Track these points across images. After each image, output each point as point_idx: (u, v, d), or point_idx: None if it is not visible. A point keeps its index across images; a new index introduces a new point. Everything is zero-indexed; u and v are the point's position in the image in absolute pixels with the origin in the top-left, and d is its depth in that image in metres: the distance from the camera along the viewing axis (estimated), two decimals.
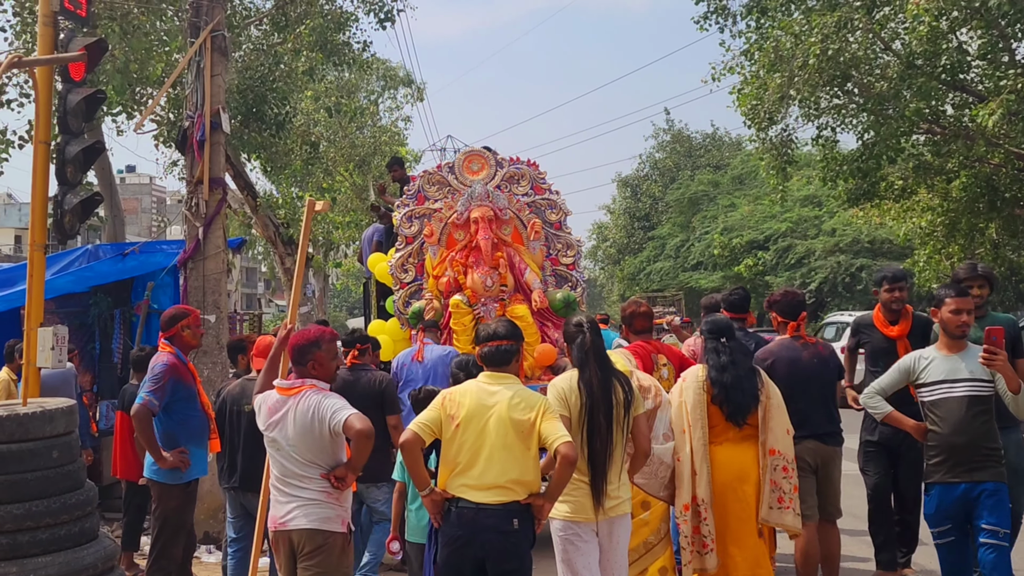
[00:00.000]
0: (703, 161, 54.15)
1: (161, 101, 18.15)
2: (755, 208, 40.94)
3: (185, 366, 7.12)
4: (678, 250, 47.21)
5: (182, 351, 7.14)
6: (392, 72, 40.80)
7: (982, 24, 20.07)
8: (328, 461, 5.03)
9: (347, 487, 5.12)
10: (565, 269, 9.93)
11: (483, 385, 4.89)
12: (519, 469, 4.76)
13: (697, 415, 5.94)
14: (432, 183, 10.05)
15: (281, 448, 5.03)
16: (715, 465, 5.91)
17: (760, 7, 23.94)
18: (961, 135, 22.64)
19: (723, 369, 5.94)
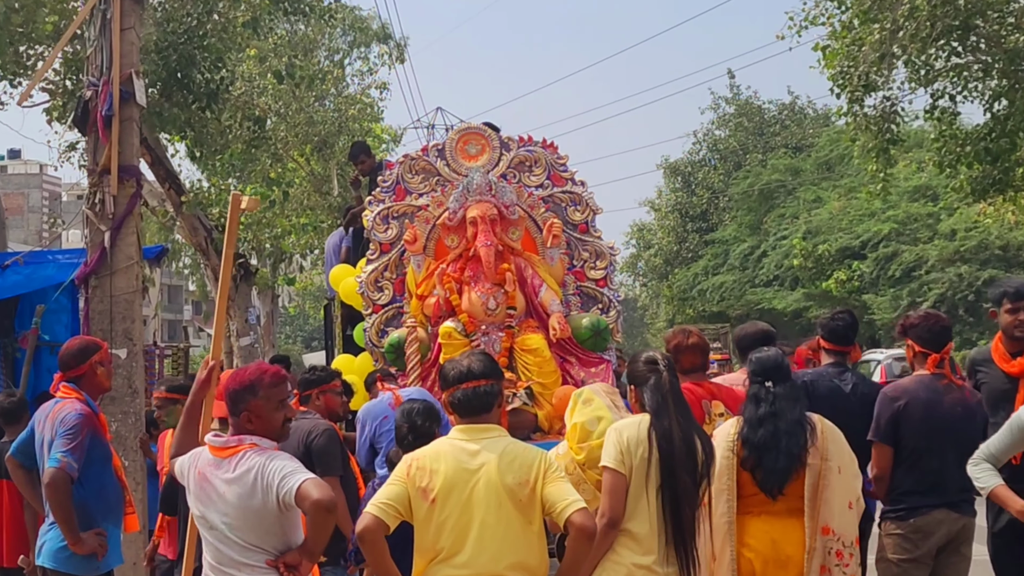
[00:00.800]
0: (778, 141, 54.21)
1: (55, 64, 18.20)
2: (848, 204, 40.96)
3: (97, 417, 7.11)
4: (745, 259, 47.22)
5: (91, 396, 7.11)
6: (363, 24, 40.81)
7: None
8: (276, 544, 5.01)
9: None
10: (594, 286, 9.94)
11: (460, 443, 4.85)
12: (520, 550, 4.75)
13: (723, 484, 5.90)
14: (415, 172, 10.06)
15: (215, 527, 5.01)
16: (745, 545, 5.90)
17: None
18: None
19: (759, 424, 5.91)
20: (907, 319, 7.02)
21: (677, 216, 57.54)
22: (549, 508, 4.71)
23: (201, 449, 5.13)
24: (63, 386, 7.08)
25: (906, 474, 6.34)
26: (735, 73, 78.38)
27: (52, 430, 6.86)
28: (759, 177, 49.17)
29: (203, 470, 5.02)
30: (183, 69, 20.17)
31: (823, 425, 5.98)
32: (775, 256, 44.44)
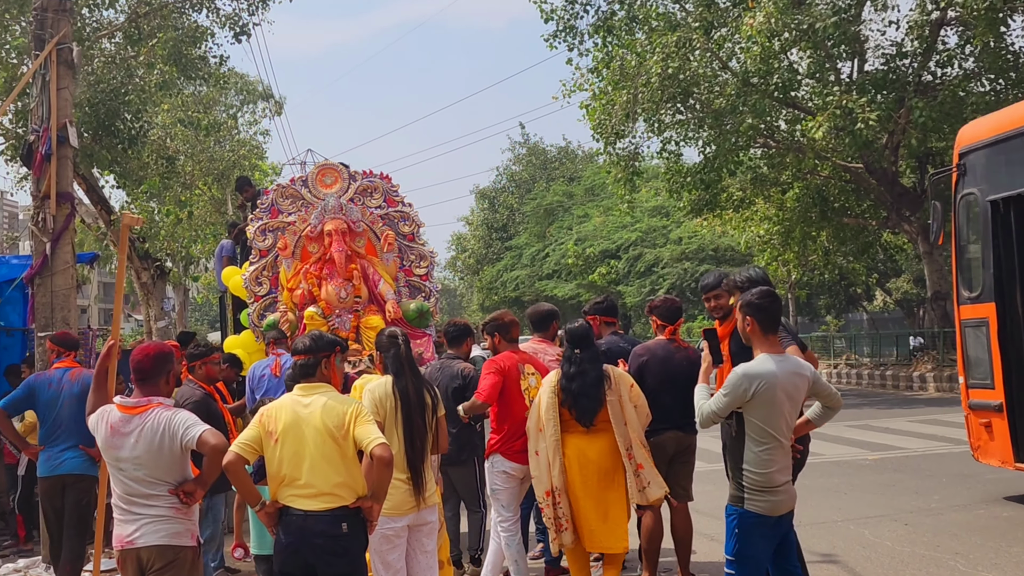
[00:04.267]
0: (557, 173, 54.88)
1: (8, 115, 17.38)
2: (607, 219, 41.72)
3: None
4: (534, 259, 47.72)
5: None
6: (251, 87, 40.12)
7: (810, 45, 20.94)
8: (176, 477, 4.89)
9: (196, 502, 5.00)
10: (419, 280, 9.90)
11: (297, 397, 4.91)
12: (342, 474, 4.78)
13: (550, 416, 6.44)
14: (286, 197, 9.89)
15: (125, 468, 4.85)
16: (568, 456, 6.44)
17: (606, 27, 24.45)
18: (793, 149, 23.58)
19: (572, 379, 6.42)
20: (652, 302, 7.36)
21: (485, 228, 57.84)
22: (359, 443, 4.77)
23: (109, 407, 4.97)
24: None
25: (649, 408, 6.54)
26: (525, 125, 79.27)
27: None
28: (544, 199, 49.73)
29: (114, 424, 4.86)
30: (109, 119, 19.51)
31: (615, 374, 6.52)
32: (555, 256, 45.00)
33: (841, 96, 20.12)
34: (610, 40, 24.35)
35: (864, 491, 10.39)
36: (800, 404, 4.89)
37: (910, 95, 20.93)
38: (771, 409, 4.72)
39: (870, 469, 11.71)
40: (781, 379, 4.73)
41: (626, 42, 23.12)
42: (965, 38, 21.35)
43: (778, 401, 4.72)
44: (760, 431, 4.76)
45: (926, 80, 22.19)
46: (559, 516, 6.43)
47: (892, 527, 8.52)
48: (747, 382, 4.70)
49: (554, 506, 6.45)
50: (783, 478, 4.78)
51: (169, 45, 20.42)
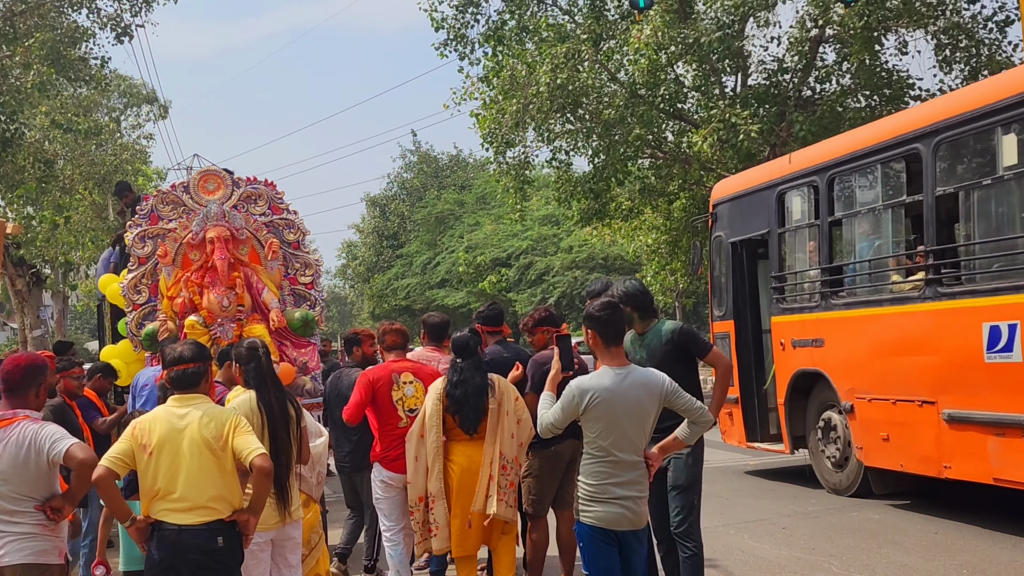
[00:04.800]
0: (449, 181, 54.82)
1: None
2: (497, 227, 41.85)
3: None
4: (425, 267, 47.61)
5: None
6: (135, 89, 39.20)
7: (695, 59, 21.36)
8: (43, 493, 4.73)
9: (63, 518, 4.84)
10: (304, 288, 9.76)
11: (172, 409, 4.80)
12: (218, 487, 4.71)
13: (433, 422, 6.52)
14: (166, 203, 9.64)
15: None
16: (454, 461, 6.54)
17: (496, 37, 24.56)
18: (680, 160, 24.02)
19: (456, 386, 6.51)
20: (531, 317, 7.37)
21: (376, 236, 57.42)
22: (238, 454, 4.70)
23: None
24: None
25: None
26: (417, 132, 79.11)
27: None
28: (435, 207, 49.61)
29: None
30: None
31: (500, 383, 6.63)
32: (446, 264, 44.97)
33: (725, 109, 20.58)
34: (500, 50, 24.45)
35: (745, 496, 10.64)
36: (649, 418, 4.77)
37: (791, 109, 21.53)
38: (607, 423, 4.65)
39: (751, 475, 11.99)
40: (618, 393, 4.66)
41: (516, 52, 23.25)
42: (842, 55, 22.05)
43: (614, 415, 4.65)
44: (594, 444, 4.71)
45: (806, 95, 22.85)
46: (431, 521, 6.51)
47: (771, 531, 8.74)
48: (579, 396, 4.65)
49: (426, 511, 6.51)
50: (621, 492, 4.69)
51: (47, 45, 19.80)
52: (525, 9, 24.68)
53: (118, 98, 39.17)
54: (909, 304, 9.23)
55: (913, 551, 7.80)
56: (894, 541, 8.17)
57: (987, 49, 21.48)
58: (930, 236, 8.96)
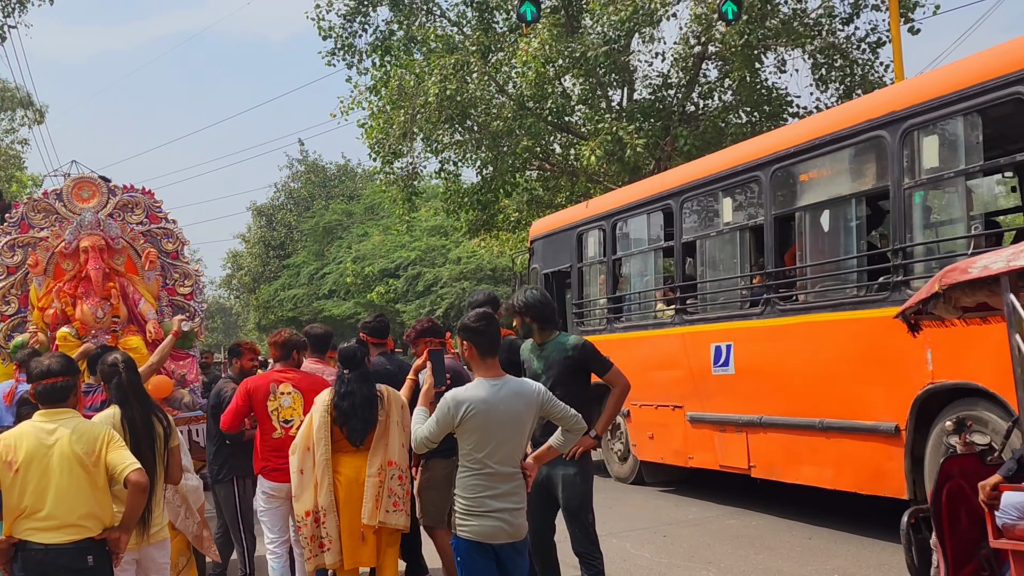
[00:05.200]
0: (337, 191, 54.35)
1: None
2: (386, 238, 41.59)
3: None
4: (312, 278, 47.07)
5: None
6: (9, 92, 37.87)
7: (582, 72, 21.62)
8: None
9: None
10: (182, 299, 9.53)
11: (40, 424, 4.63)
12: (89, 504, 4.56)
13: (321, 434, 6.42)
14: (38, 211, 9.32)
15: None
16: (342, 474, 6.43)
17: (384, 47, 24.48)
18: (567, 172, 24.26)
19: (343, 397, 6.41)
20: (414, 328, 7.39)
21: (262, 246, 56.60)
22: (112, 469, 4.56)
23: None
24: None
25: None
26: (304, 141, 78.28)
27: None
28: (323, 217, 49.12)
29: None
30: None
31: (389, 393, 6.60)
32: (334, 275, 44.53)
33: (611, 123, 20.87)
34: (388, 60, 24.36)
35: (628, 506, 10.77)
36: (526, 428, 4.77)
37: (675, 124, 21.95)
38: (483, 435, 4.62)
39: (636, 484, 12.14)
40: (494, 404, 4.63)
41: (404, 62, 23.19)
42: (724, 72, 22.58)
43: (490, 427, 4.62)
44: (470, 456, 4.67)
45: (690, 110, 23.33)
46: (321, 535, 6.38)
47: (652, 539, 8.87)
48: (455, 407, 4.61)
49: (316, 525, 6.38)
50: (499, 504, 4.65)
51: None
52: (413, 20, 24.64)
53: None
54: (664, 328, 11.51)
55: (788, 556, 8.00)
56: (770, 547, 8.36)
57: (860, 69, 22.28)
58: (678, 274, 11.47)
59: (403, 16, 24.63)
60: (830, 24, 22.22)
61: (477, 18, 23.82)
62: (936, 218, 8.55)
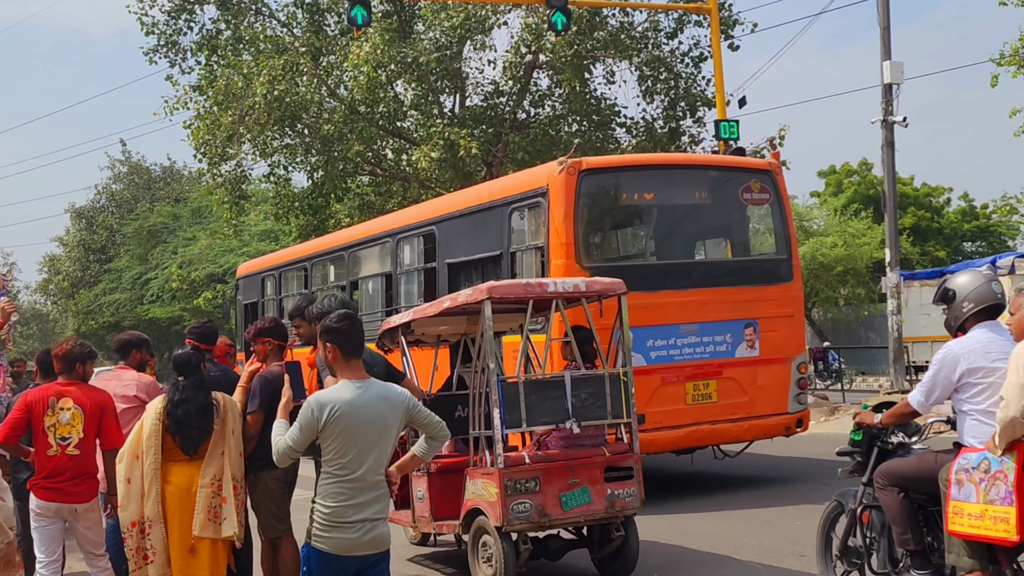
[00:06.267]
0: (163, 194, 52.65)
1: None
2: (213, 242, 40.55)
3: None
4: (135, 282, 45.51)
5: None
6: None
7: (414, 78, 21.61)
8: None
9: None
10: None
11: None
12: None
13: (151, 442, 6.22)
14: None
15: None
16: (170, 483, 6.24)
17: (210, 45, 23.89)
18: (399, 177, 24.21)
19: (177, 405, 6.23)
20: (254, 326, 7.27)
21: (82, 249, 54.37)
22: None
23: None
24: None
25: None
26: (127, 142, 75.62)
27: None
28: (147, 220, 47.52)
29: None
30: None
31: (226, 401, 6.41)
32: (159, 280, 43.17)
33: (444, 128, 20.94)
34: (215, 59, 23.78)
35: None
36: (392, 434, 4.62)
37: (507, 131, 22.22)
38: (346, 439, 4.45)
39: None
40: (359, 407, 4.47)
41: (232, 62, 22.68)
42: (555, 81, 22.99)
43: (354, 431, 4.46)
44: (334, 463, 4.49)
45: (521, 118, 23.65)
46: (146, 547, 6.19)
47: None
48: (319, 410, 4.43)
49: (142, 536, 6.19)
50: (359, 516, 4.48)
51: None
52: (241, 19, 24.13)
53: None
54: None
55: None
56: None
57: (684, 82, 23.06)
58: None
59: (231, 15, 24.09)
60: (655, 38, 22.93)
61: (308, 20, 23.55)
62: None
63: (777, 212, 11.65)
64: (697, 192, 11.85)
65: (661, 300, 10.62)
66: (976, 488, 5.00)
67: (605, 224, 11.88)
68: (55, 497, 6.40)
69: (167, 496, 6.23)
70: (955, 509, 5.08)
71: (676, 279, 11.09)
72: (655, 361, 10.51)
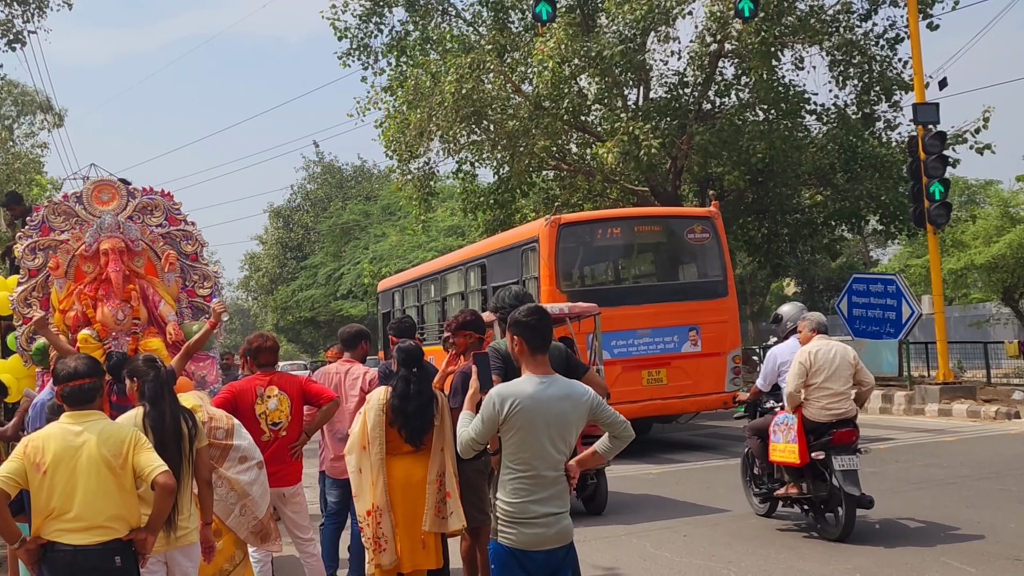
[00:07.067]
0: (354, 192, 54.46)
1: None
2: (403, 238, 41.63)
3: None
4: (329, 278, 47.18)
5: None
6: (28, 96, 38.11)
7: (598, 72, 21.59)
8: None
9: None
10: (202, 300, 9.56)
11: (66, 426, 4.62)
12: (117, 505, 4.56)
13: (376, 434, 6.41)
14: (58, 213, 9.35)
15: None
16: (395, 476, 6.42)
17: (399, 47, 24.52)
18: (584, 171, 24.24)
19: (407, 399, 6.40)
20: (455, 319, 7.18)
21: (279, 247, 56.87)
22: (139, 471, 4.56)
23: None
24: None
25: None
26: (319, 143, 78.48)
27: None
28: (340, 218, 49.25)
29: None
30: None
31: (439, 395, 6.61)
32: (351, 276, 44.62)
33: (628, 122, 20.84)
34: (404, 60, 24.42)
35: (647, 505, 10.74)
36: (573, 431, 4.53)
37: (691, 122, 21.92)
38: (527, 434, 4.38)
39: (653, 483, 12.11)
40: (541, 402, 4.39)
41: (420, 62, 23.24)
42: (741, 70, 22.53)
43: (536, 425, 4.38)
44: (513, 457, 4.44)
45: (706, 108, 23.29)
46: (379, 536, 6.37)
47: (672, 539, 8.84)
48: (500, 403, 4.38)
49: (376, 524, 6.38)
50: (542, 510, 4.42)
51: None
52: (429, 20, 24.68)
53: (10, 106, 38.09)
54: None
55: (809, 556, 7.96)
56: (791, 547, 8.32)
57: (879, 65, 22.18)
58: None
59: (418, 16, 24.68)
60: (847, 21, 22.15)
61: (493, 18, 23.85)
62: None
63: (715, 246, 15.34)
64: (651, 235, 16.24)
65: (621, 313, 14.20)
66: (782, 434, 8.65)
67: (579, 260, 15.73)
68: (269, 482, 6.67)
69: (391, 488, 6.41)
70: (773, 447, 8.81)
71: (633, 297, 15.09)
72: (617, 355, 14.19)
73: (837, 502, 8.36)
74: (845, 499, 8.23)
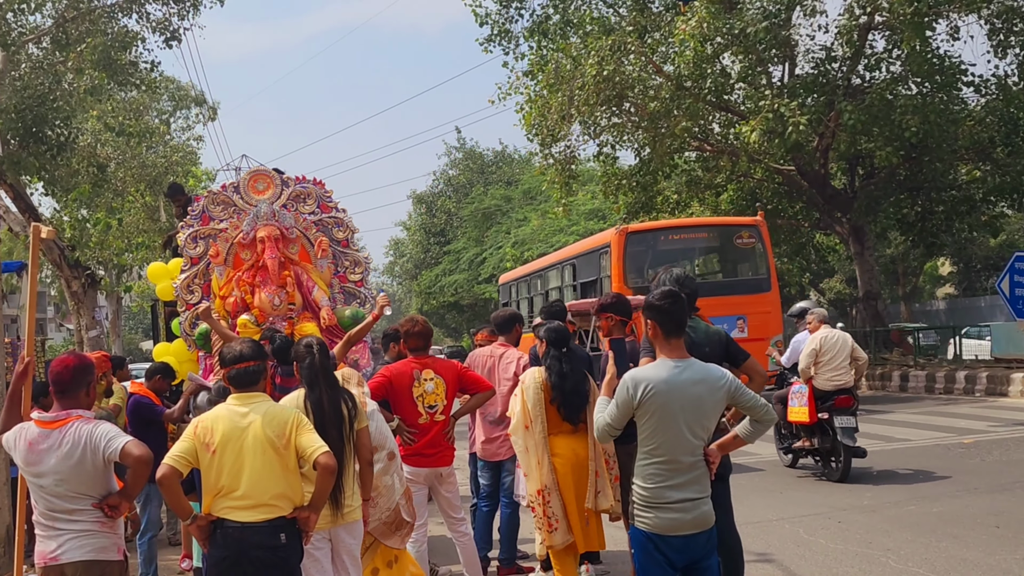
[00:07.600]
0: (495, 177, 54.80)
1: None
2: (544, 222, 41.71)
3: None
4: (472, 263, 47.64)
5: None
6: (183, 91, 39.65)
7: (742, 49, 21.16)
8: (100, 491, 4.78)
9: (121, 515, 4.89)
10: (353, 286, 9.79)
11: (233, 408, 4.80)
12: (281, 484, 4.73)
13: (537, 412, 6.48)
14: (217, 203, 9.71)
15: (46, 484, 4.72)
16: (560, 455, 6.45)
17: (540, 31, 24.53)
18: (727, 152, 23.83)
19: (564, 377, 6.46)
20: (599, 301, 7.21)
21: (423, 233, 57.68)
22: (301, 452, 4.71)
23: (26, 424, 4.83)
24: None
25: None
26: (461, 129, 79.28)
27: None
28: (481, 203, 49.63)
29: (32, 440, 4.73)
30: (37, 126, 19.13)
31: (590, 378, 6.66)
32: (493, 260, 44.94)
33: (773, 100, 20.36)
34: (545, 44, 24.43)
35: (798, 490, 10.52)
36: (710, 415, 4.47)
37: (839, 98, 21.26)
38: (661, 419, 4.35)
39: (803, 468, 11.84)
40: (675, 386, 4.35)
41: (560, 46, 23.20)
42: (892, 42, 21.75)
43: (670, 410, 4.34)
44: (649, 443, 4.40)
45: (855, 83, 22.57)
46: (549, 515, 6.40)
47: (826, 525, 8.63)
48: (634, 387, 4.36)
49: (544, 504, 6.40)
50: (678, 495, 4.38)
51: (98, 50, 20.04)
52: (569, 3, 24.60)
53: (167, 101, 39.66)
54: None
55: (973, 545, 7.65)
56: (953, 535, 8.01)
57: None
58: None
59: (559, 0, 24.62)
60: None
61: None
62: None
63: (761, 249, 17.79)
64: (705, 240, 18.73)
65: None
66: (797, 400, 10.93)
67: (644, 263, 17.61)
68: (426, 463, 6.80)
69: (556, 467, 6.43)
70: (790, 410, 11.04)
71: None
72: None
73: (838, 452, 10.77)
74: (844, 449, 10.64)
